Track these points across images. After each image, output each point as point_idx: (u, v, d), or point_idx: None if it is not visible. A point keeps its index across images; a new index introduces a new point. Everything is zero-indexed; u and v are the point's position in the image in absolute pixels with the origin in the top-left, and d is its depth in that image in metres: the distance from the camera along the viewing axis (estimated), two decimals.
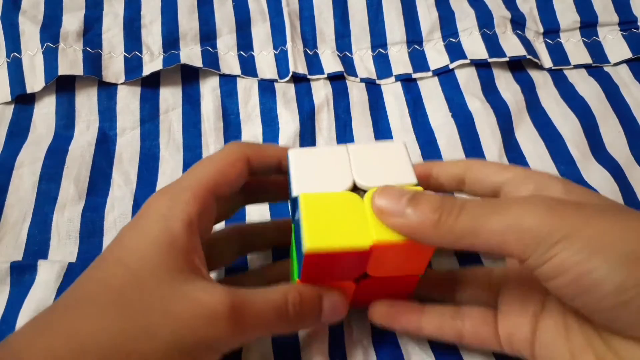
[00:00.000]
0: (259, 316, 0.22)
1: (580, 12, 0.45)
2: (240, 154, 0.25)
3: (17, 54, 0.40)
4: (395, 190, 0.22)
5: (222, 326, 0.21)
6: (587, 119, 0.39)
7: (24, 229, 0.33)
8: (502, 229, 0.20)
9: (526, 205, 0.20)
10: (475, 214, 0.21)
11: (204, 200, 0.23)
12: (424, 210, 0.21)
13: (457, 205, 0.21)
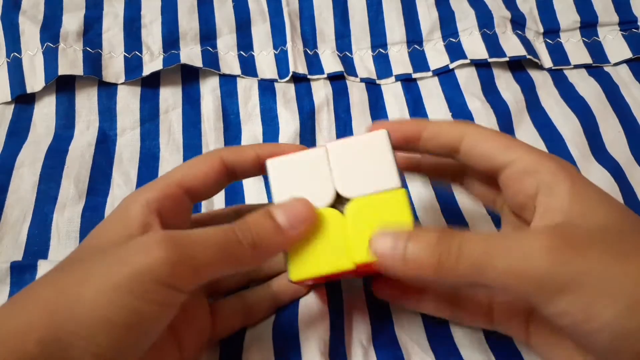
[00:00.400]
0: (203, 240, 0.21)
1: (580, 12, 0.45)
2: (214, 155, 0.26)
3: (17, 54, 0.40)
4: (390, 236, 0.22)
5: (156, 251, 0.20)
6: (587, 119, 0.39)
7: (24, 229, 0.33)
8: (504, 272, 0.20)
9: (529, 246, 0.20)
10: (476, 254, 0.20)
11: (167, 190, 0.24)
12: (422, 254, 0.21)
13: (456, 245, 0.21)
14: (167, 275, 0.20)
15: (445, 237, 0.21)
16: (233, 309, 0.28)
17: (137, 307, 0.19)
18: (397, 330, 0.29)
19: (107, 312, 0.19)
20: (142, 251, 0.20)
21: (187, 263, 0.20)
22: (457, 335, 0.29)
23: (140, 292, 0.19)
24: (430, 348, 0.29)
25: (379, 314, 0.30)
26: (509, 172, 0.24)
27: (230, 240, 0.22)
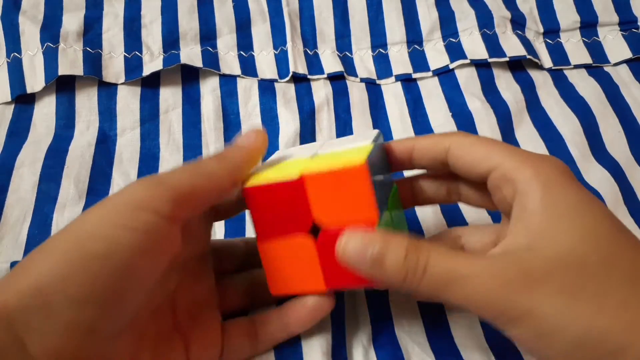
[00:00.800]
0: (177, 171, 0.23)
1: (580, 12, 0.45)
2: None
3: (17, 54, 0.40)
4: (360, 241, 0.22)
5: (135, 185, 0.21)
6: (587, 119, 0.39)
7: (24, 229, 0.33)
8: (462, 300, 0.21)
9: (485, 279, 0.20)
10: (437, 281, 0.21)
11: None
12: (389, 267, 0.21)
13: (421, 265, 0.21)
14: (143, 199, 0.20)
15: (412, 255, 0.21)
16: (242, 332, 0.27)
17: (116, 235, 0.19)
18: (397, 330, 0.29)
19: (85, 245, 0.18)
20: (122, 190, 0.21)
21: (165, 185, 0.21)
22: (457, 335, 0.29)
23: (120, 220, 0.19)
24: (430, 348, 0.29)
25: (379, 314, 0.30)
26: (492, 179, 0.24)
27: (200, 163, 0.23)
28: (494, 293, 0.20)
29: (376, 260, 0.21)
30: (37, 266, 0.18)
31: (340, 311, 0.29)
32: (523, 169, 0.22)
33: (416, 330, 0.29)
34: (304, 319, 0.27)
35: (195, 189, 0.22)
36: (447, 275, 0.21)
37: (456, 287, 0.21)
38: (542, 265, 0.20)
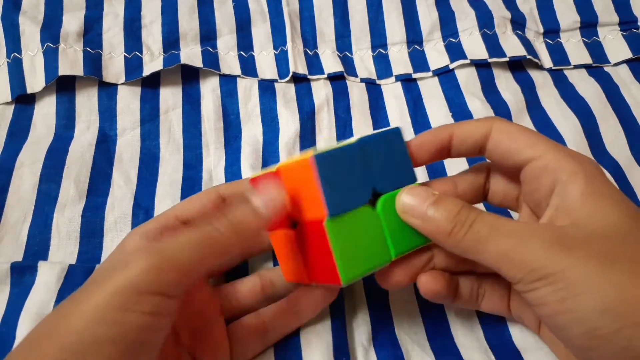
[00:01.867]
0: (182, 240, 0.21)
1: (580, 12, 0.45)
2: (211, 190, 0.28)
3: (17, 54, 0.40)
4: (420, 192, 0.24)
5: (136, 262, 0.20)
6: (587, 119, 0.39)
7: (24, 229, 0.33)
8: (498, 255, 0.22)
9: (525, 237, 0.21)
10: (481, 234, 0.22)
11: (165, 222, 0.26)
12: (440, 219, 0.23)
13: (469, 221, 0.22)
14: (148, 284, 0.20)
15: (464, 211, 0.23)
16: (251, 332, 0.27)
17: (123, 320, 0.19)
18: (397, 330, 0.29)
19: (95, 330, 0.19)
20: (121, 266, 0.20)
21: (170, 265, 0.20)
22: (457, 335, 0.29)
23: (125, 305, 0.19)
24: (430, 348, 0.29)
25: (379, 314, 0.30)
26: (530, 168, 0.24)
27: (209, 233, 0.22)
28: (530, 249, 0.21)
29: (432, 207, 0.23)
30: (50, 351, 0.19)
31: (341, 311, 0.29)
32: (567, 162, 0.23)
33: (416, 330, 0.29)
34: (314, 305, 0.28)
35: (202, 264, 0.22)
36: (490, 229, 0.22)
37: (495, 241, 0.22)
38: (583, 234, 0.21)
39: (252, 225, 0.23)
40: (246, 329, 0.27)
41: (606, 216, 0.22)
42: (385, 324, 0.29)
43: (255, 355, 0.27)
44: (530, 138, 0.24)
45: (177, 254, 0.21)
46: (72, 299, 0.21)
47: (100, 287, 0.20)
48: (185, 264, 0.21)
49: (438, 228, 0.23)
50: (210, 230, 0.22)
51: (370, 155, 0.25)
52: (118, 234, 0.34)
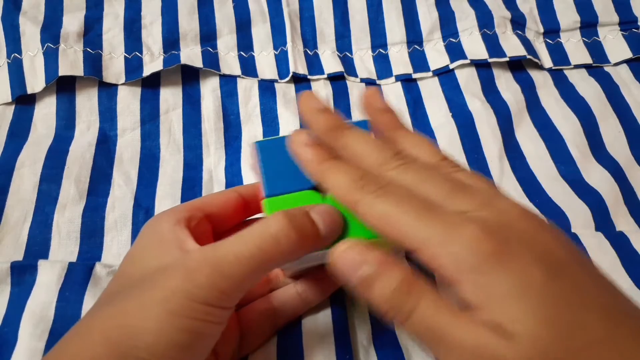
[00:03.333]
0: (237, 253, 0.21)
1: (580, 12, 0.45)
2: (232, 190, 0.28)
3: (17, 54, 0.40)
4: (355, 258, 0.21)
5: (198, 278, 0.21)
6: (588, 119, 0.39)
7: (25, 230, 0.33)
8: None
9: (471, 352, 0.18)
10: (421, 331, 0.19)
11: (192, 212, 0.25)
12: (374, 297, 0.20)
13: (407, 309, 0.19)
14: (214, 298, 0.21)
15: (404, 292, 0.20)
16: (260, 315, 0.28)
17: (194, 328, 0.21)
18: (397, 330, 0.29)
19: (170, 336, 0.20)
20: (187, 278, 0.21)
21: (228, 281, 0.21)
22: None
23: (195, 315, 0.21)
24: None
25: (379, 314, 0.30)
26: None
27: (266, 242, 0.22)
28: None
29: (365, 282, 0.21)
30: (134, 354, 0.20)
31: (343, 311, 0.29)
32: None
33: None
34: (323, 289, 0.28)
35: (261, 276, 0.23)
36: (432, 330, 0.19)
37: (441, 348, 0.19)
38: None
39: (310, 246, 0.23)
40: (256, 312, 0.28)
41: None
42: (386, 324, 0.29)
43: (266, 339, 0.28)
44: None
45: (234, 270, 0.21)
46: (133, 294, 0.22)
47: (171, 294, 0.21)
48: (240, 276, 0.22)
49: (374, 304, 0.20)
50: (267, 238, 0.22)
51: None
52: (118, 234, 0.34)
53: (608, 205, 0.34)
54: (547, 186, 0.36)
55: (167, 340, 0.20)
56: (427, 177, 0.21)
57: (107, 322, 0.21)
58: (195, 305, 0.21)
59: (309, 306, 0.29)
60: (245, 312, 0.28)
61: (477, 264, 0.19)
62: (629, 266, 0.31)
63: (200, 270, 0.21)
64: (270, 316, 0.28)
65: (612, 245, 0.32)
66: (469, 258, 0.19)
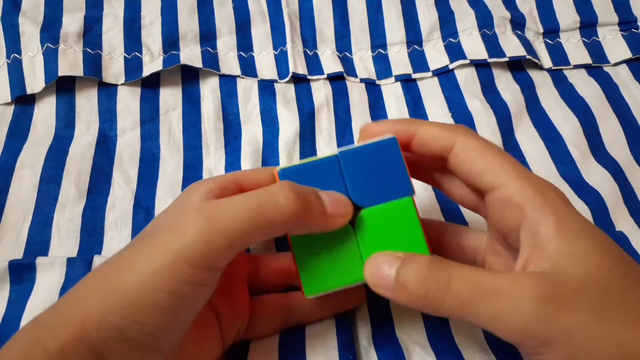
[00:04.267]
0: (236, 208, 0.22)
1: (580, 12, 0.45)
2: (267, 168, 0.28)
3: (17, 54, 0.40)
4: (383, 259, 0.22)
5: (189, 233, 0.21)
6: (587, 119, 0.39)
7: (25, 229, 0.33)
8: (490, 320, 0.20)
9: (513, 297, 0.20)
10: (462, 297, 0.20)
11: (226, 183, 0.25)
12: (411, 284, 0.21)
13: (445, 279, 0.21)
14: (201, 259, 0.21)
15: (435, 269, 0.21)
16: (274, 308, 0.28)
17: (178, 290, 0.21)
18: (397, 330, 0.29)
19: (152, 297, 0.21)
20: (179, 232, 0.21)
21: (220, 238, 0.21)
22: (457, 335, 0.29)
23: (180, 276, 0.21)
24: (430, 348, 0.29)
25: (380, 314, 0.30)
26: (494, 198, 0.23)
27: (266, 201, 0.22)
28: (524, 311, 0.19)
29: (397, 278, 0.21)
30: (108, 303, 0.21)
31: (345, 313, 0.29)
32: (532, 194, 0.22)
33: (416, 330, 0.29)
34: (340, 304, 0.28)
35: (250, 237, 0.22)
36: (473, 289, 0.20)
37: (483, 303, 0.20)
38: (571, 284, 0.20)
39: (313, 219, 0.23)
40: (272, 304, 0.28)
41: (586, 259, 0.20)
42: (386, 324, 0.29)
43: (275, 331, 0.28)
44: (492, 162, 0.23)
45: (228, 223, 0.21)
46: (128, 251, 0.22)
47: (158, 252, 0.21)
48: (233, 234, 0.21)
49: (411, 295, 0.21)
50: (267, 199, 0.22)
51: (354, 167, 0.24)
52: (118, 233, 0.34)
53: (608, 205, 0.34)
54: None
55: (146, 301, 0.20)
56: None
57: (101, 277, 0.22)
58: (181, 266, 0.21)
59: (325, 316, 0.29)
60: (260, 300, 0.28)
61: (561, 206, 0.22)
62: None
63: (195, 224, 0.21)
64: (284, 313, 0.28)
65: None
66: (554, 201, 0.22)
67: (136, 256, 0.22)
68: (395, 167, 0.24)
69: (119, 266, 0.22)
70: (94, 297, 0.21)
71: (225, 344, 0.26)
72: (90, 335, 0.20)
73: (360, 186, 0.24)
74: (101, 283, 0.22)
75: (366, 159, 0.24)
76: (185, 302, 0.21)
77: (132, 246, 0.23)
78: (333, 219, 0.23)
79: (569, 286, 0.20)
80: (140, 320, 0.20)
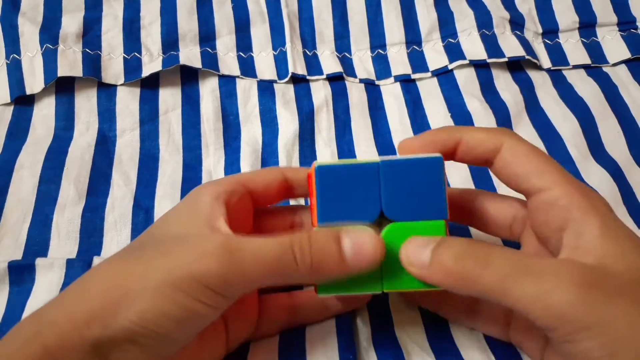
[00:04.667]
0: (257, 256, 0.22)
1: (579, 13, 0.45)
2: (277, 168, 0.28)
3: (16, 55, 0.40)
4: (419, 241, 0.22)
5: (211, 262, 0.21)
6: (586, 120, 0.39)
7: (24, 230, 0.33)
8: (529, 298, 0.20)
9: (558, 277, 0.19)
10: (502, 272, 0.20)
11: (235, 186, 0.25)
12: (447, 261, 0.21)
13: (484, 256, 0.20)
14: (217, 286, 0.21)
15: (474, 247, 0.21)
16: (280, 306, 0.28)
17: (189, 306, 0.21)
18: (397, 330, 0.29)
19: (164, 307, 0.21)
20: (200, 258, 0.21)
21: (238, 276, 0.22)
22: (457, 335, 0.29)
23: (194, 294, 0.21)
24: (430, 348, 0.29)
25: (379, 314, 0.30)
26: (539, 200, 0.23)
27: (286, 258, 0.22)
28: (568, 294, 0.19)
29: (433, 256, 0.21)
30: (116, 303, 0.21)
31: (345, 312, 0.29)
32: (578, 199, 0.22)
33: (416, 330, 0.29)
34: (345, 303, 0.28)
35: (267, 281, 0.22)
36: (514, 266, 0.20)
37: (523, 281, 0.20)
38: (615, 277, 0.20)
39: (331, 271, 0.22)
40: (278, 305, 0.28)
41: (629, 259, 0.20)
42: (385, 324, 0.29)
43: (281, 330, 0.28)
44: (539, 165, 0.23)
45: (248, 267, 0.22)
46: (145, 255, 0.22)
47: (177, 267, 0.21)
48: (252, 278, 0.22)
49: (447, 271, 0.21)
50: (288, 256, 0.22)
51: (393, 179, 0.24)
52: (118, 234, 0.34)
53: None
54: None
55: (159, 311, 0.21)
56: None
57: (113, 276, 0.22)
58: (198, 285, 0.21)
59: (331, 315, 0.28)
60: (266, 301, 0.28)
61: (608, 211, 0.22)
62: None
63: (217, 256, 0.21)
64: (290, 313, 0.28)
65: None
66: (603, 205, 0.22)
67: (156, 263, 0.22)
68: (434, 188, 0.24)
69: (137, 269, 0.22)
70: (103, 296, 0.21)
71: (230, 347, 0.27)
72: (94, 332, 0.20)
73: (396, 199, 0.24)
74: (112, 282, 0.22)
75: (407, 174, 0.24)
76: (197, 318, 0.22)
77: (142, 250, 0.23)
78: (350, 267, 0.22)
79: (613, 278, 0.20)
80: (150, 328, 0.21)
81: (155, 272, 0.21)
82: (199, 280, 0.21)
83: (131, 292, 0.21)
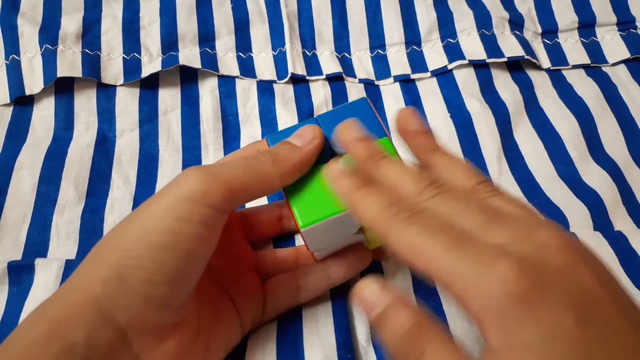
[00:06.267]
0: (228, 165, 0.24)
1: (578, 13, 0.45)
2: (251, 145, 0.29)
3: (15, 55, 0.40)
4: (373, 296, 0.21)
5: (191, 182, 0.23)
6: (586, 119, 0.39)
7: (24, 230, 0.33)
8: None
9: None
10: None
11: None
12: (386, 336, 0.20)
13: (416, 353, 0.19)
14: (200, 195, 0.22)
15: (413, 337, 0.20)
16: (284, 286, 0.29)
17: (178, 228, 0.22)
18: None
19: (152, 237, 0.21)
20: (179, 182, 0.23)
21: (218, 181, 0.23)
22: (456, 335, 0.29)
23: (180, 213, 0.22)
24: None
25: None
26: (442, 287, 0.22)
27: (252, 159, 0.24)
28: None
29: (377, 323, 0.21)
30: (112, 257, 0.22)
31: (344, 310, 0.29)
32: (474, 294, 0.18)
33: None
34: (345, 270, 0.29)
35: (246, 186, 0.24)
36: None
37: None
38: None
39: (291, 159, 0.25)
40: (281, 284, 0.29)
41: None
42: None
43: (288, 308, 0.29)
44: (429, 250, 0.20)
45: (225, 173, 0.23)
46: (135, 211, 0.23)
47: (157, 200, 0.23)
48: (232, 181, 0.23)
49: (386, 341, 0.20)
50: (254, 159, 0.25)
51: (332, 126, 0.27)
52: None
53: (606, 205, 0.34)
54: (545, 186, 0.36)
55: (146, 241, 0.21)
56: (462, 206, 0.21)
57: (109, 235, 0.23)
58: (179, 202, 0.22)
59: (333, 285, 0.30)
60: (270, 284, 0.29)
61: (505, 309, 0.17)
62: (628, 266, 0.31)
63: (195, 173, 0.23)
64: (293, 289, 0.29)
65: (611, 245, 0.32)
66: (497, 301, 0.17)
67: (141, 209, 0.23)
68: (369, 120, 0.27)
69: (125, 221, 0.23)
70: (96, 260, 0.22)
71: (244, 329, 0.27)
72: (95, 294, 0.21)
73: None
74: (109, 238, 0.23)
75: (342, 118, 0.26)
76: (186, 244, 0.22)
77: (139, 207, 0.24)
78: (306, 148, 0.25)
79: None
80: (143, 265, 0.21)
81: (140, 213, 0.23)
82: (179, 198, 0.22)
83: (122, 239, 0.22)
